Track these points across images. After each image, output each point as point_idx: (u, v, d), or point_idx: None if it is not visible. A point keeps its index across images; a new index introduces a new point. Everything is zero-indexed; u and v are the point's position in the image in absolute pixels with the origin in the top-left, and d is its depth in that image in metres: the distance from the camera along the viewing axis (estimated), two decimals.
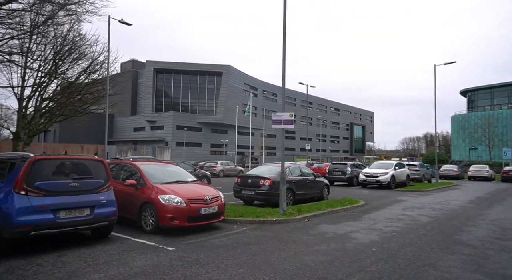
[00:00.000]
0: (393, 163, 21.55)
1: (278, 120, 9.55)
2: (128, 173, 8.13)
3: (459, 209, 11.94)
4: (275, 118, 9.57)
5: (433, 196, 16.16)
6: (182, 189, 7.49)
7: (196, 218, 7.15)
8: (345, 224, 8.67)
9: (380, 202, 13.34)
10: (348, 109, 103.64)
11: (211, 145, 62.91)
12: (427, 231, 7.94)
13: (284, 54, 9.64)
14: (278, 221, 8.68)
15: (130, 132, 65.31)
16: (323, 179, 14.07)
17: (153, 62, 60.71)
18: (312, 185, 12.84)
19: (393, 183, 19.98)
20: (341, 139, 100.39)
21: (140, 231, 7.16)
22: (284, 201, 9.38)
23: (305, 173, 12.94)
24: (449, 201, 14.34)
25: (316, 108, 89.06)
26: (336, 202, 11.83)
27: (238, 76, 64.98)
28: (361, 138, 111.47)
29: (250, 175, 11.48)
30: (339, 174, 22.14)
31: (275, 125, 9.61)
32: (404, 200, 14.15)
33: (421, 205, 12.59)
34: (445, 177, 34.88)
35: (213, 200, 7.55)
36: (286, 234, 7.36)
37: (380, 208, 11.67)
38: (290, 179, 11.68)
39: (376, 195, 16.26)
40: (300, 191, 12.05)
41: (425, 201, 14.12)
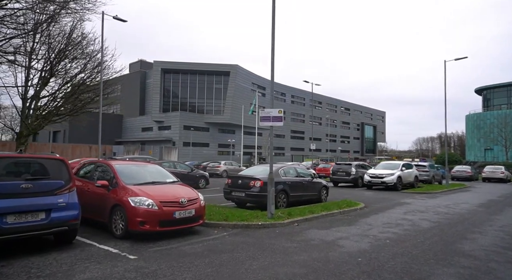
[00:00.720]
0: (400, 164, 20.64)
1: (266, 116, 8.93)
2: (102, 173, 7.64)
3: (466, 213, 11.09)
4: (263, 115, 8.96)
5: (441, 199, 15.26)
6: (156, 190, 6.95)
7: (169, 223, 6.59)
8: (336, 229, 8.00)
9: (381, 205, 12.57)
10: (358, 108, 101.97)
11: (218, 145, 62.53)
12: (425, 238, 7.21)
13: (273, 45, 9.02)
14: (264, 225, 8.07)
15: (139, 132, 65.49)
16: (321, 180, 13.38)
17: (161, 62, 60.71)
18: (308, 187, 12.16)
19: (399, 185, 19.11)
20: (352, 139, 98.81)
21: (110, 236, 6.66)
22: (272, 204, 8.75)
23: (301, 173, 12.28)
24: (457, 204, 13.46)
25: (326, 108, 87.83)
26: (333, 205, 11.14)
27: (245, 76, 64.46)
28: (372, 138, 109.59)
29: (240, 176, 10.90)
30: (343, 175, 21.34)
31: (263, 122, 9.00)
32: (408, 203, 13.34)
33: (426, 209, 11.78)
34: (458, 179, 33.63)
35: (190, 203, 6.98)
36: (268, 240, 6.75)
37: (380, 212, 10.92)
38: (284, 180, 11.05)
39: (379, 197, 15.46)
40: (295, 192, 11.40)
41: (431, 204, 13.27)
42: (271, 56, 9.03)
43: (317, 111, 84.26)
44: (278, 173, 11.10)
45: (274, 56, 9.06)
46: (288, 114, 77.58)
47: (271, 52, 9.02)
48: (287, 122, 76.95)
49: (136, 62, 70.15)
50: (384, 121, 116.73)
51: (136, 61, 69.90)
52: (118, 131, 68.42)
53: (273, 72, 9.10)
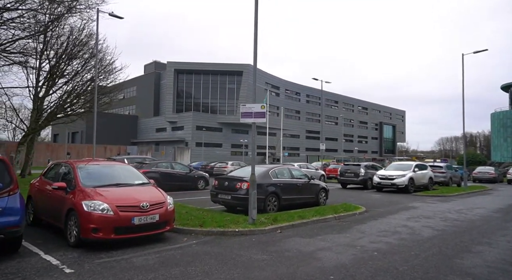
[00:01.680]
0: (412, 164, 19.38)
1: (248, 112, 8.16)
2: (63, 174, 7.09)
3: (479, 219, 9.95)
4: (244, 111, 8.19)
5: (454, 203, 14.03)
6: (116, 193, 6.33)
7: (127, 229, 5.95)
8: (322, 237, 7.15)
9: (385, 209, 11.55)
10: (377, 108, 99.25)
11: (231, 145, 62.04)
12: (421, 250, 6.26)
13: (256, 36, 8.26)
14: (241, 232, 7.31)
15: (153, 133, 65.92)
16: (319, 182, 12.48)
17: (174, 63, 60.83)
18: (304, 189, 11.30)
19: (411, 187, 17.90)
20: (370, 139, 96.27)
21: (65, 244, 6.08)
22: (254, 208, 7.98)
23: (296, 175, 11.43)
24: (471, 209, 12.25)
25: (342, 107, 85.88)
26: (328, 209, 10.24)
27: (259, 75, 63.68)
28: (391, 138, 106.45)
29: (227, 177, 10.18)
30: (352, 176, 20.26)
31: (244, 118, 8.23)
32: (416, 207, 12.24)
33: (433, 214, 10.69)
34: (480, 180, 31.74)
35: (154, 207, 6.32)
36: (237, 251, 5.99)
37: (381, 217, 9.95)
38: (275, 182, 10.26)
39: (386, 200, 14.39)
40: (288, 195, 10.58)
41: (441, 208, 12.12)
42: (253, 45, 8.26)
43: (333, 111, 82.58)
44: (269, 175, 10.33)
45: (256, 44, 8.29)
46: (303, 114, 76.34)
47: (254, 45, 8.26)
48: (302, 122, 75.71)
49: (150, 63, 70.72)
50: (404, 120, 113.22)
51: (151, 62, 70.46)
52: (134, 131, 69.12)
53: (255, 59, 8.32)
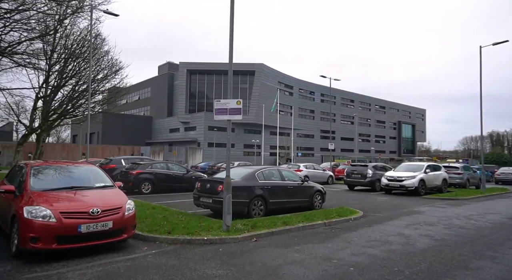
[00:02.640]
0: (424, 165, 18.17)
1: (222, 109, 7.46)
2: (20, 176, 6.61)
3: (489, 227, 8.88)
4: (219, 107, 7.49)
5: (466, 207, 12.87)
6: (63, 198, 5.78)
7: (72, 238, 5.36)
8: (299, 248, 6.36)
9: (386, 214, 10.60)
10: (395, 106, 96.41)
11: (244, 145, 61.50)
12: (408, 265, 5.39)
13: (232, 27, 7.56)
14: (210, 241, 6.63)
15: (167, 133, 66.24)
16: (314, 184, 11.63)
17: (186, 64, 60.86)
18: (296, 192, 10.50)
19: (422, 189, 16.74)
20: (388, 139, 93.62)
21: (8, 254, 5.57)
22: (228, 214, 7.28)
23: (287, 177, 10.64)
24: (484, 214, 11.11)
25: (359, 106, 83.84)
26: (320, 214, 9.41)
27: (271, 75, 62.96)
28: (410, 137, 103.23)
29: (209, 179, 9.51)
30: (358, 177, 19.23)
31: (219, 115, 7.52)
32: (421, 212, 11.21)
33: (437, 220, 9.67)
34: (504, 182, 29.87)
35: (107, 213, 5.72)
36: (194, 264, 5.30)
37: (377, 223, 9.04)
38: (262, 185, 9.52)
39: (391, 203, 13.37)
40: (276, 199, 9.81)
41: (449, 214, 11.04)
42: (229, 45, 7.56)
43: (349, 110, 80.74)
44: (255, 177, 9.60)
45: (232, 38, 7.58)
46: (318, 114, 74.94)
47: (230, 38, 7.56)
48: (317, 122, 74.32)
49: (164, 64, 71.16)
50: (424, 119, 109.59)
51: (164, 63, 70.90)
52: (148, 132, 69.71)
53: (231, 52, 7.61)
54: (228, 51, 7.55)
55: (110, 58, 25.65)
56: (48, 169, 6.71)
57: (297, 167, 23.35)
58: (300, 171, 22.74)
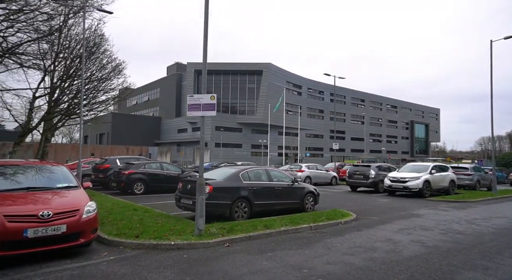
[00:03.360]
0: (429, 165, 17.35)
1: (195, 104, 6.98)
2: None
3: (491, 233, 8.16)
4: (192, 103, 7.01)
5: (472, 211, 12.07)
6: (11, 199, 5.39)
7: (18, 244, 4.96)
8: (272, 255, 5.84)
9: (381, 217, 9.95)
10: (407, 106, 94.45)
11: (251, 146, 61.05)
12: (385, 277, 4.80)
13: (207, 20, 7.09)
14: (177, 246, 6.16)
15: (175, 133, 66.34)
16: (307, 185, 11.06)
17: (194, 64, 60.80)
18: (284, 193, 9.95)
19: (427, 191, 15.95)
20: (400, 139, 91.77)
21: None
22: (200, 217, 6.81)
23: (275, 177, 10.10)
24: (489, 218, 10.34)
25: (369, 106, 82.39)
26: (307, 217, 8.85)
27: (279, 74, 62.32)
28: (424, 138, 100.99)
29: (190, 180, 9.05)
30: (361, 178, 18.51)
31: (192, 111, 7.05)
32: (420, 215, 10.51)
33: (435, 224, 8.98)
34: None
35: (61, 216, 5.31)
36: (147, 272, 4.84)
37: (368, 227, 8.43)
38: (246, 186, 9.01)
39: (391, 206, 12.68)
40: (262, 200, 9.29)
41: (450, 217, 10.32)
42: (204, 38, 7.10)
43: (359, 109, 79.39)
44: (239, 177, 9.10)
45: (207, 32, 7.11)
46: (327, 113, 73.89)
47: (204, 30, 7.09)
48: (326, 122, 73.28)
49: (172, 65, 71.37)
50: (438, 119, 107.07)
51: (172, 64, 71.10)
52: (157, 132, 70.00)
53: (205, 46, 7.15)
54: (202, 50, 7.08)
55: (109, 56, 25.62)
56: (8, 169, 6.36)
57: (299, 167, 22.72)
58: (302, 171, 22.15)
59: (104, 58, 25.70)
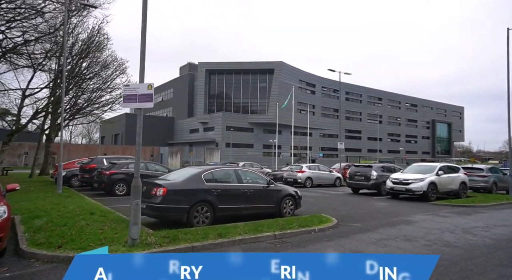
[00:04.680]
0: (437, 166, 15.91)
1: (131, 95, 6.15)
2: None
3: (485, 246, 6.93)
4: (127, 93, 6.19)
5: (476, 217, 10.72)
6: None
7: None
8: None
9: (366, 224, 8.84)
10: (428, 104, 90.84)
11: (263, 146, 60.10)
12: None
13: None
14: None
15: (187, 134, 66.31)
16: (286, 187, 10.06)
17: (205, 64, 60.52)
18: (257, 197, 9.00)
19: (433, 194, 14.60)
20: (420, 138, 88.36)
21: None
22: (134, 225, 6.00)
23: (246, 179, 9.17)
24: (492, 227, 9.02)
25: (387, 104, 79.71)
26: (275, 224, 7.88)
27: (291, 73, 61.08)
28: (446, 137, 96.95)
29: (147, 181, 8.25)
30: (362, 180, 17.28)
31: (128, 103, 6.23)
32: (411, 223, 9.31)
33: (424, 234, 7.80)
34: None
35: None
36: None
37: (342, 237, 7.38)
38: (208, 188, 8.14)
39: (386, 210, 11.48)
40: (228, 204, 8.38)
41: (447, 225, 9.06)
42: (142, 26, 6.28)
43: (376, 108, 76.92)
44: (200, 178, 8.23)
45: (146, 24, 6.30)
46: (342, 112, 71.89)
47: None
48: (341, 121, 71.29)
49: (184, 65, 71.46)
50: (462, 117, 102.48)
51: (185, 64, 71.18)
52: (170, 133, 70.26)
53: (144, 35, 6.33)
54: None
55: (110, 55, 25.41)
56: None
57: (299, 168, 21.63)
58: (302, 172, 21.10)
59: (106, 57, 25.60)
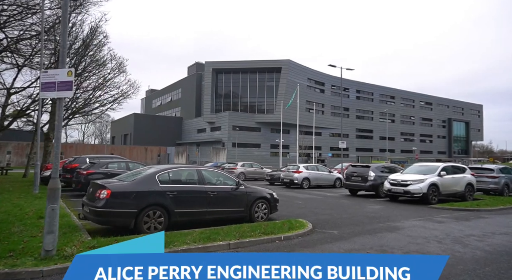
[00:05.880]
0: (439, 166, 14.65)
1: (50, 83, 5.37)
2: None
3: (472, 259, 5.86)
4: (45, 81, 5.40)
5: (476, 223, 9.55)
6: None
7: None
8: None
9: (345, 231, 7.85)
10: (444, 102, 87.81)
11: (270, 146, 59.09)
12: None
13: None
14: (6, 274, 4.60)
15: (194, 134, 65.97)
16: (257, 189, 9.12)
17: (212, 63, 59.98)
18: (221, 200, 8.13)
19: (434, 196, 13.42)
20: (435, 138, 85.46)
21: None
22: (48, 233, 5.21)
23: (210, 179, 8.30)
24: (491, 235, 7.88)
25: (400, 103, 77.35)
26: (235, 231, 7.00)
27: (299, 71, 59.83)
28: (464, 136, 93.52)
29: (94, 182, 7.48)
30: (359, 181, 16.16)
31: (46, 91, 5.44)
32: (397, 229, 8.25)
33: (405, 244, 6.76)
34: None
35: None
36: None
37: (306, 247, 6.44)
38: (163, 190, 7.32)
39: (375, 215, 10.41)
40: (186, 208, 7.54)
41: (437, 233, 7.96)
42: None
43: (389, 107, 74.76)
44: (155, 179, 7.41)
45: None
46: (353, 111, 70.17)
47: None
48: (352, 120, 69.61)
49: (192, 65, 71.18)
50: (480, 116, 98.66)
51: (193, 64, 70.89)
52: (178, 133, 70.10)
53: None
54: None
55: (108, 53, 25.11)
56: None
57: (296, 168, 20.61)
58: (299, 172, 20.08)
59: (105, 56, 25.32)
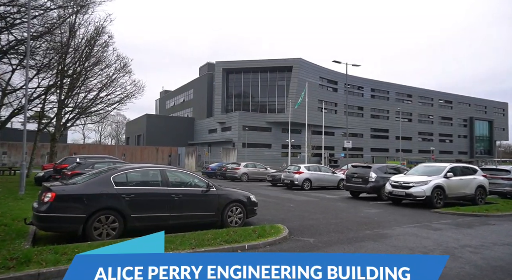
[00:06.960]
0: (445, 167, 13.48)
1: None
2: None
3: (458, 276, 4.93)
4: None
5: (479, 231, 8.49)
6: None
7: None
8: None
9: (323, 239, 7.04)
10: (465, 100, 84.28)
11: (282, 146, 58.13)
12: None
13: None
14: None
15: (206, 134, 65.80)
16: (232, 192, 8.38)
17: (222, 63, 59.63)
18: (187, 203, 7.43)
19: (439, 199, 12.33)
20: (456, 137, 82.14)
21: None
22: None
23: (175, 180, 7.62)
24: (491, 246, 6.88)
25: (418, 101, 74.76)
26: (192, 239, 6.31)
27: (311, 70, 58.64)
28: (487, 136, 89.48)
29: (43, 185, 6.92)
30: (359, 182, 15.18)
31: None
32: (386, 237, 7.35)
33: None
34: None
35: None
36: None
37: None
38: (118, 192, 6.70)
39: (366, 220, 9.50)
40: (146, 213, 6.89)
41: (428, 242, 7.02)
42: None
43: (406, 106, 72.39)
44: (109, 181, 6.79)
45: None
46: (367, 110, 68.30)
47: None
48: (366, 120, 67.76)
49: (204, 65, 71.10)
50: (505, 114, 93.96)
51: (204, 64, 70.82)
52: (191, 133, 70.17)
53: None
54: None
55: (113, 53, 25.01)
56: None
57: (297, 168, 19.72)
58: (299, 173, 19.21)
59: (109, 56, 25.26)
